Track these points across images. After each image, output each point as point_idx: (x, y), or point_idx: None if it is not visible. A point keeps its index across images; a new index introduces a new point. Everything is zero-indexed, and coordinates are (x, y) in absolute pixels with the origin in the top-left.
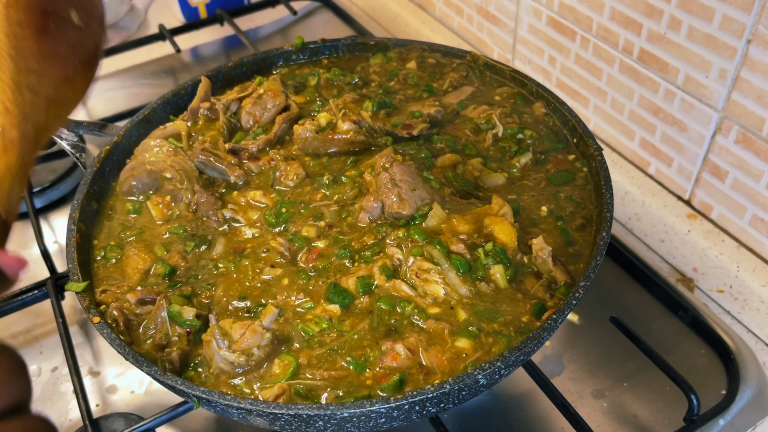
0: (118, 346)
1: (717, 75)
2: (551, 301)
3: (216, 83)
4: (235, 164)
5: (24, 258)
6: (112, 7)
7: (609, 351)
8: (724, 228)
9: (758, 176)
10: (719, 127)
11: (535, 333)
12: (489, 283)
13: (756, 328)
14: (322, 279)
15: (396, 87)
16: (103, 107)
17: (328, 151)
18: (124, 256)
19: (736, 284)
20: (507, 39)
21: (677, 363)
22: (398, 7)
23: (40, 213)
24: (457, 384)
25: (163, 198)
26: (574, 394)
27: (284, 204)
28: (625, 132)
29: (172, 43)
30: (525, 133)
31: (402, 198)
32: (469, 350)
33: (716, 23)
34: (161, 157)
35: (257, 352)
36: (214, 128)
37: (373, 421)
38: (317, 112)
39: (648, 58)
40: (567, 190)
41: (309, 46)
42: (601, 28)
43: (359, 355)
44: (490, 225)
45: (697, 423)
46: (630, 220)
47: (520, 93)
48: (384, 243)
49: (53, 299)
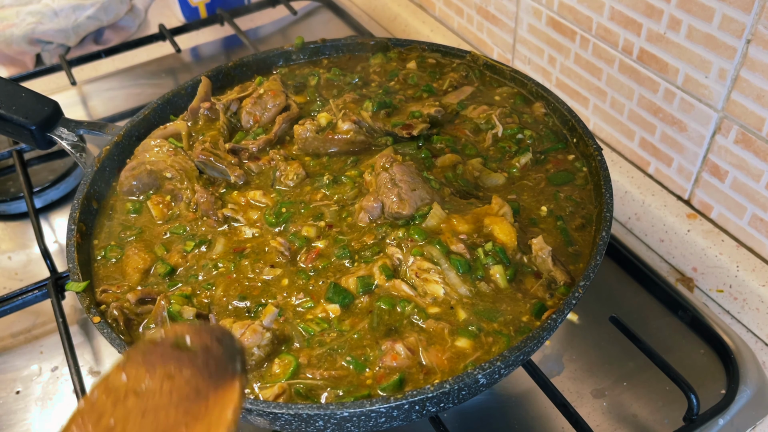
0: (119, 345)
1: (716, 75)
2: (551, 300)
3: (216, 83)
4: (235, 164)
5: None
6: (112, 7)
7: (609, 351)
8: (723, 228)
9: (758, 176)
10: (719, 126)
11: (535, 333)
12: (489, 282)
13: (756, 328)
14: (322, 279)
15: (396, 87)
16: (103, 107)
17: (328, 151)
18: (124, 255)
19: (736, 284)
20: (507, 39)
21: (677, 363)
22: (398, 7)
23: (40, 213)
24: (457, 383)
25: (163, 198)
26: (574, 394)
27: (284, 204)
28: (625, 132)
29: (172, 43)
30: (525, 133)
31: (402, 198)
32: (469, 350)
33: (716, 23)
34: (161, 157)
35: (257, 352)
36: (215, 128)
37: (373, 420)
38: (317, 112)
39: (648, 58)
40: (567, 190)
41: (309, 46)
42: (601, 28)
43: (359, 355)
44: (490, 225)
45: (696, 422)
46: (630, 219)
47: (519, 93)
48: (384, 243)
49: (53, 299)
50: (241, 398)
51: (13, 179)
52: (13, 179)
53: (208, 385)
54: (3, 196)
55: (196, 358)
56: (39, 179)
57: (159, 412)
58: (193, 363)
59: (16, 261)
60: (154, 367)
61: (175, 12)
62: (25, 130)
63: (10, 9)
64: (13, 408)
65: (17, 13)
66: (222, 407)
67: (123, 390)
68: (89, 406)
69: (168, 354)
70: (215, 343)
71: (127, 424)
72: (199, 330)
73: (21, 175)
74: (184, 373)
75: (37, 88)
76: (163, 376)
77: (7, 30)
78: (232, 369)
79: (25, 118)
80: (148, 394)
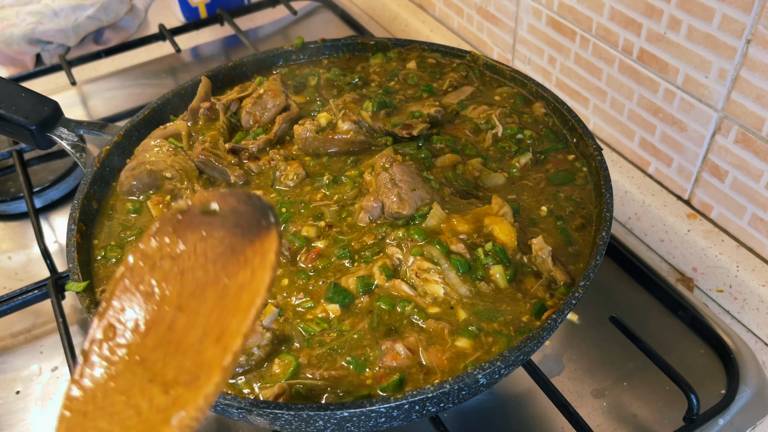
0: None
1: (716, 75)
2: (551, 300)
3: (216, 83)
4: (235, 164)
5: None
6: (112, 7)
7: (609, 351)
8: (723, 228)
9: (758, 176)
10: (719, 126)
11: (535, 332)
12: (489, 282)
13: (756, 328)
14: (322, 279)
15: (396, 87)
16: (103, 107)
17: (328, 151)
18: (124, 255)
19: (736, 284)
20: (507, 39)
21: (677, 363)
22: (398, 7)
23: (41, 213)
24: (457, 383)
25: (164, 198)
26: (574, 394)
27: (284, 204)
28: (625, 132)
29: (172, 43)
30: (525, 133)
31: (402, 198)
32: (469, 350)
33: (716, 23)
34: (161, 157)
35: (257, 352)
36: (214, 128)
37: (373, 420)
38: (317, 112)
39: (648, 58)
40: (567, 190)
41: (309, 46)
42: (601, 28)
43: (359, 355)
44: (490, 225)
45: (696, 422)
46: (630, 219)
47: (519, 93)
48: (384, 243)
49: (53, 299)
50: (279, 243)
51: (13, 179)
52: (13, 179)
53: (244, 242)
54: (3, 196)
55: (226, 220)
56: (39, 179)
57: (197, 270)
58: (224, 225)
59: (16, 261)
60: (185, 233)
61: (175, 12)
62: (25, 130)
63: (10, 9)
64: (13, 408)
65: (17, 13)
66: (262, 254)
67: (158, 255)
68: (129, 272)
69: (197, 220)
70: (243, 204)
71: (168, 284)
72: (225, 195)
73: (21, 175)
74: (216, 234)
75: (37, 88)
76: (195, 239)
77: (7, 30)
78: (265, 223)
79: (25, 118)
80: (184, 256)
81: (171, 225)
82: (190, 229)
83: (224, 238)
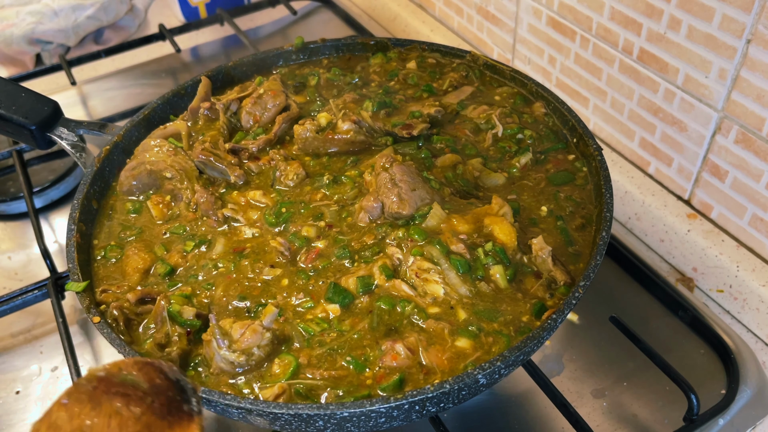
0: (119, 345)
1: (717, 75)
2: (551, 300)
3: (216, 83)
4: (235, 164)
5: None
6: (112, 7)
7: (609, 351)
8: (723, 228)
9: (758, 176)
10: (719, 126)
11: (535, 332)
12: (489, 282)
13: (756, 328)
14: (321, 279)
15: (396, 87)
16: (103, 107)
17: (328, 151)
18: (124, 255)
19: (736, 284)
20: (507, 39)
21: (677, 363)
22: (398, 7)
23: (40, 213)
24: (457, 383)
25: (163, 198)
26: (574, 394)
27: (284, 204)
28: (625, 132)
29: (172, 43)
30: (525, 133)
31: (402, 198)
32: (469, 350)
33: (716, 23)
34: (161, 157)
35: (257, 352)
36: (214, 128)
37: (373, 420)
38: (317, 112)
39: (648, 58)
40: (567, 189)
41: (309, 46)
42: (601, 27)
43: (359, 355)
44: (490, 225)
45: (696, 422)
46: (630, 219)
47: (519, 93)
48: (384, 243)
49: (53, 299)
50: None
51: (13, 179)
52: (13, 179)
53: (162, 425)
54: (3, 196)
55: (146, 395)
56: (39, 179)
57: None
58: (143, 400)
59: (16, 261)
60: (100, 403)
61: (175, 12)
62: (25, 130)
63: (10, 9)
64: (13, 408)
65: (17, 13)
66: None
67: (67, 428)
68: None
69: (114, 390)
70: (164, 380)
71: None
72: (143, 365)
73: (21, 175)
74: (134, 410)
75: (37, 88)
76: (110, 412)
77: (7, 30)
78: (188, 409)
79: (25, 118)
80: (96, 430)
81: (85, 392)
82: (106, 399)
83: (142, 415)
